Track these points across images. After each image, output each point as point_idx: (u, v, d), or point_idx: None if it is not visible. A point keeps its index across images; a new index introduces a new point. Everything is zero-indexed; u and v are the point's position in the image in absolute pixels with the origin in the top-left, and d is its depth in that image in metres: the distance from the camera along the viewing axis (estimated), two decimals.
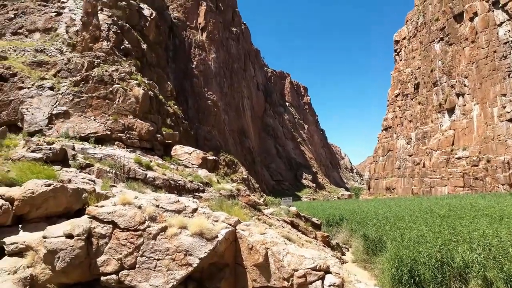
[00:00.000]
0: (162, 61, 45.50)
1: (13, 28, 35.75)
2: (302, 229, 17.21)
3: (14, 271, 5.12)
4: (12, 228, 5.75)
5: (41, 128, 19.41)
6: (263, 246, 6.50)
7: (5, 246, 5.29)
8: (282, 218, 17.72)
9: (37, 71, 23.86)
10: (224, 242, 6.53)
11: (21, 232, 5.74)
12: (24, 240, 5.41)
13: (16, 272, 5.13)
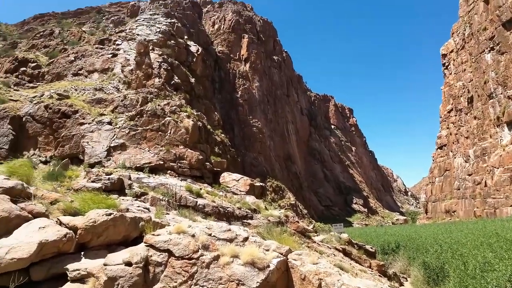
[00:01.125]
0: (209, 92, 47.48)
1: (74, 70, 39.55)
2: (355, 258, 16.34)
3: None
4: (75, 255, 6.05)
5: (100, 160, 20.80)
6: (316, 277, 6.22)
7: (68, 273, 5.55)
8: (333, 245, 17.00)
9: (96, 108, 25.94)
10: (276, 272, 6.36)
11: (83, 259, 6.02)
12: (86, 267, 5.65)
13: None
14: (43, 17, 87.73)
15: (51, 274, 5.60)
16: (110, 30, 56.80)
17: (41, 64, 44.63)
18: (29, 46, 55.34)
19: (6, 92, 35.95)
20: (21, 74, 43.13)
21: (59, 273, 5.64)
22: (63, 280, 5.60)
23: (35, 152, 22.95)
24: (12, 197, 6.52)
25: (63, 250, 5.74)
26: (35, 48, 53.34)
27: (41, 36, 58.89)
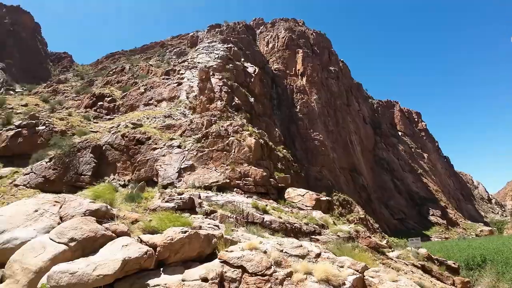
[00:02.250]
0: (268, 110, 48.10)
1: (144, 101, 42.90)
2: (436, 274, 14.94)
3: None
4: (155, 271, 6.33)
5: (172, 181, 22.00)
6: None
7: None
8: (410, 262, 15.75)
9: (166, 133, 27.71)
10: None
11: (162, 275, 6.27)
12: (165, 283, 5.87)
13: None
14: (114, 56, 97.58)
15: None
16: (174, 61, 61.04)
17: (116, 98, 49.29)
18: (104, 82, 61.62)
19: (87, 124, 40.22)
20: (99, 108, 48.00)
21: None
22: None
23: (114, 177, 25.10)
24: (98, 218, 7.10)
25: (144, 266, 6.05)
26: (109, 84, 59.21)
27: (114, 73, 65.31)
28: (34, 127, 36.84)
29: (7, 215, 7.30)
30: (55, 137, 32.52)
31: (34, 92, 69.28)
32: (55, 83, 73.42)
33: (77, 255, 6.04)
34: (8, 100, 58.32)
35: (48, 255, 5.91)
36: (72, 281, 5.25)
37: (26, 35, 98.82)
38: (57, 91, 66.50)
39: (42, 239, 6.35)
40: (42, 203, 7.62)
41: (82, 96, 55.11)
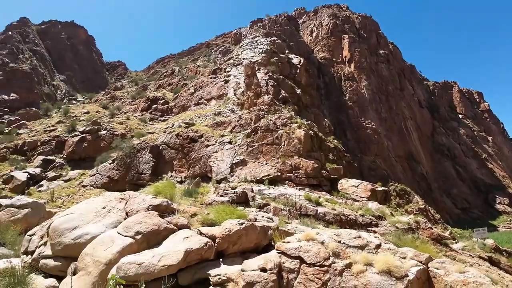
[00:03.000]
0: (316, 100, 47.23)
1: (195, 100, 44.31)
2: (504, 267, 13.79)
3: None
4: (215, 262, 6.54)
5: (225, 176, 22.56)
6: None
7: (210, 278, 6.01)
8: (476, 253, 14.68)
9: (217, 130, 28.42)
10: (415, 282, 5.69)
11: (222, 265, 6.45)
12: (226, 273, 6.03)
13: None
14: (163, 60, 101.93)
15: (195, 279, 6.15)
16: (220, 60, 62.30)
17: (168, 100, 51.55)
18: (157, 86, 64.68)
19: (144, 127, 42.57)
20: (154, 111, 50.53)
21: (202, 278, 6.15)
22: (206, 284, 6.07)
23: (172, 174, 26.36)
24: (160, 213, 7.50)
25: (205, 257, 6.27)
26: (161, 87, 62.04)
27: (165, 76, 68.29)
28: (97, 132, 39.85)
29: (78, 212, 7.97)
30: (116, 140, 34.97)
31: (94, 100, 74.89)
32: (112, 90, 78.71)
33: (142, 247, 6.42)
34: (72, 109, 63.66)
35: (116, 248, 6.35)
36: (139, 271, 5.59)
37: (82, 48, 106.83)
38: (115, 97, 71.24)
39: (110, 233, 6.84)
40: (109, 200, 8.22)
41: (138, 101, 58.45)
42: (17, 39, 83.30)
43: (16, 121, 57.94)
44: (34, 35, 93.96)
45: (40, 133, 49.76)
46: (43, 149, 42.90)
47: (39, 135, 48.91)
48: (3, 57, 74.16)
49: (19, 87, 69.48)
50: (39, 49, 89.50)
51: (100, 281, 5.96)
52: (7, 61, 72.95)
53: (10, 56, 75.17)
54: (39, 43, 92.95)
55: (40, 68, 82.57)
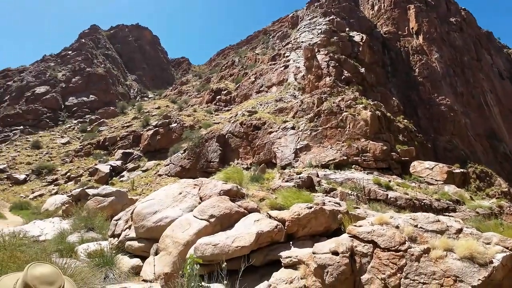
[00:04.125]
0: (382, 78, 44.64)
1: (256, 88, 44.76)
2: None
3: (290, 281, 5.78)
4: (285, 244, 6.64)
5: (290, 162, 22.62)
6: None
7: (282, 259, 6.11)
8: None
9: (279, 117, 28.49)
10: (501, 269, 5.16)
11: (292, 248, 6.53)
12: (297, 255, 6.09)
13: (292, 282, 5.77)
14: (223, 52, 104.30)
15: (267, 260, 6.31)
16: (278, 45, 61.88)
17: (231, 90, 52.86)
18: (219, 78, 66.58)
19: (210, 117, 44.32)
20: (218, 102, 52.25)
21: (273, 259, 6.30)
22: (277, 265, 6.20)
23: (238, 161, 27.22)
24: (231, 197, 7.84)
25: (275, 239, 6.40)
26: (223, 79, 63.73)
27: (226, 68, 69.93)
28: (168, 125, 42.58)
29: (157, 198, 8.66)
30: (185, 132, 37.15)
31: (163, 95, 79.79)
32: (178, 85, 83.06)
33: (216, 229, 6.78)
34: (144, 105, 68.66)
35: (193, 230, 6.79)
36: (215, 252, 5.91)
37: (149, 48, 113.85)
38: (182, 92, 75.12)
39: (187, 217, 7.33)
40: (184, 186, 8.80)
41: (203, 93, 60.93)
42: (90, 45, 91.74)
43: (96, 119, 64.42)
44: (105, 40, 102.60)
45: (119, 129, 54.71)
46: (122, 144, 47.21)
47: (118, 131, 53.81)
48: (80, 63, 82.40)
49: (96, 89, 76.90)
50: (110, 53, 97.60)
51: (180, 260, 6.41)
52: (84, 66, 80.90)
53: (86, 61, 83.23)
54: (110, 47, 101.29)
55: (113, 70, 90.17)
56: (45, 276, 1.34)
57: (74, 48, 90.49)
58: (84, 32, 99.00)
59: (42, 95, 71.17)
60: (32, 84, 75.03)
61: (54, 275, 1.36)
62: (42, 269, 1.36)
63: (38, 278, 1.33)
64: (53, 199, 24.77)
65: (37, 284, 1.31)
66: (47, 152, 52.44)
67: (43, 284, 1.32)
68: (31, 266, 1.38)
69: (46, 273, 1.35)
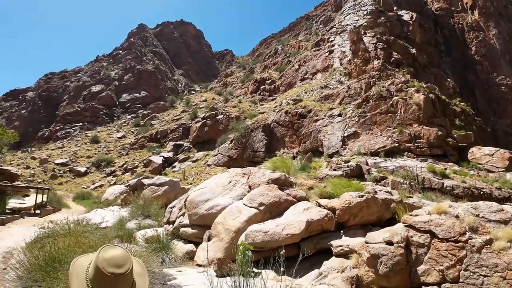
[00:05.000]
0: (435, 58, 41.70)
1: (300, 76, 44.07)
2: None
3: (341, 270, 5.69)
4: (336, 233, 6.54)
5: (337, 150, 22.10)
6: None
7: (332, 248, 6.03)
8: None
9: (325, 104, 27.86)
10: None
11: (343, 237, 6.41)
12: (348, 244, 5.97)
13: (343, 271, 5.68)
14: (266, 41, 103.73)
15: (317, 249, 6.26)
16: (321, 30, 60.16)
17: (275, 79, 52.61)
18: (262, 67, 66.46)
19: (254, 108, 44.59)
20: (262, 91, 52.32)
21: (323, 248, 6.24)
22: (328, 254, 6.13)
23: (284, 150, 27.17)
24: (279, 186, 7.86)
25: (325, 228, 6.33)
26: (267, 68, 63.51)
27: (269, 57, 69.55)
28: (215, 116, 43.60)
29: (208, 187, 8.95)
30: (232, 122, 37.81)
31: (209, 88, 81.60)
32: (223, 77, 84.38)
33: (266, 217, 6.87)
34: (192, 99, 70.78)
35: (243, 218, 6.94)
36: (265, 239, 5.99)
37: (193, 43, 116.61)
38: (226, 84, 76.26)
39: (237, 205, 7.50)
40: (233, 175, 9.00)
41: (247, 84, 61.36)
42: (139, 44, 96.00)
43: (148, 114, 67.75)
44: (152, 38, 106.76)
45: (169, 122, 57.07)
46: (172, 136, 49.29)
47: (168, 124, 56.16)
48: (130, 61, 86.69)
49: (147, 85, 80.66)
50: (158, 50, 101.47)
51: (231, 246, 6.60)
52: (134, 64, 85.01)
53: (136, 59, 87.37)
54: (157, 45, 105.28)
55: (161, 66, 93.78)
56: (115, 259, 1.39)
57: (124, 47, 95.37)
58: (132, 32, 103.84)
59: (97, 94, 76.26)
60: (88, 84, 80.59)
61: (123, 258, 1.40)
62: (113, 252, 1.41)
63: (107, 260, 1.38)
64: (112, 189, 26.61)
65: (105, 266, 1.36)
66: (105, 146, 56.34)
67: (111, 266, 1.37)
68: (103, 248, 1.44)
69: (116, 256, 1.40)
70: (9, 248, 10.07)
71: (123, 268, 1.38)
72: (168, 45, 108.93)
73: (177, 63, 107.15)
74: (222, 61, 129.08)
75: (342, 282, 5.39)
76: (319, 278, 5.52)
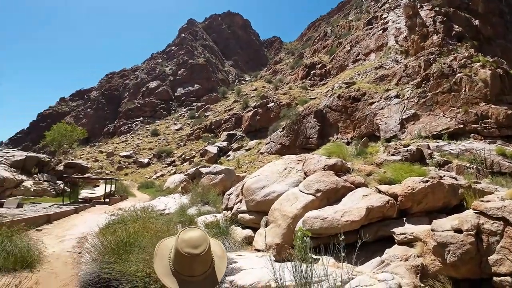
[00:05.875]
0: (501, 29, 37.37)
1: (352, 58, 42.29)
2: None
3: (405, 258, 5.45)
4: (398, 220, 6.24)
5: (395, 134, 21.01)
6: None
7: (395, 236, 5.78)
8: None
9: (381, 85, 26.50)
10: None
11: (406, 224, 6.10)
12: (412, 232, 5.69)
13: (407, 260, 5.43)
14: (314, 24, 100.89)
15: (378, 236, 6.05)
16: (373, 8, 56.88)
17: (325, 63, 51.15)
18: (312, 52, 64.88)
19: (305, 94, 43.86)
20: (313, 76, 51.23)
21: (385, 235, 6.01)
22: (389, 242, 5.89)
23: (337, 136, 26.48)
24: (335, 172, 7.70)
25: (387, 215, 6.08)
26: (317, 52, 61.89)
27: (318, 40, 67.62)
28: (266, 105, 43.74)
29: (264, 174, 9.06)
30: (283, 110, 37.69)
31: (259, 77, 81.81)
32: (272, 65, 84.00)
33: (323, 204, 6.79)
34: (242, 89, 71.62)
35: (300, 204, 6.93)
36: (323, 225, 5.93)
37: (241, 33, 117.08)
38: (276, 71, 75.86)
39: (293, 191, 7.51)
40: (288, 162, 9.00)
41: (296, 70, 60.49)
42: (189, 39, 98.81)
43: (202, 106, 70.07)
44: (202, 31, 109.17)
45: (222, 113, 58.51)
46: (226, 126, 50.52)
47: (221, 114, 57.60)
48: (182, 56, 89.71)
49: (199, 78, 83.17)
50: (208, 43, 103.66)
51: (288, 232, 6.66)
52: (187, 59, 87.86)
53: (188, 54, 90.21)
54: (207, 38, 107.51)
55: (211, 59, 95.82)
56: (192, 240, 1.47)
57: (176, 43, 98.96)
58: (183, 27, 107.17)
59: (155, 89, 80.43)
60: (145, 80, 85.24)
61: (200, 240, 1.48)
62: (192, 234, 1.50)
63: (186, 241, 1.47)
64: (173, 178, 28.11)
65: (183, 247, 1.46)
66: (164, 138, 59.57)
67: (188, 247, 1.46)
68: (183, 230, 1.55)
69: (193, 238, 1.49)
70: (83, 234, 11.15)
71: (198, 249, 1.46)
72: (217, 38, 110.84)
73: (227, 55, 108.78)
74: (271, 48, 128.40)
75: (406, 271, 5.18)
76: (381, 266, 5.36)
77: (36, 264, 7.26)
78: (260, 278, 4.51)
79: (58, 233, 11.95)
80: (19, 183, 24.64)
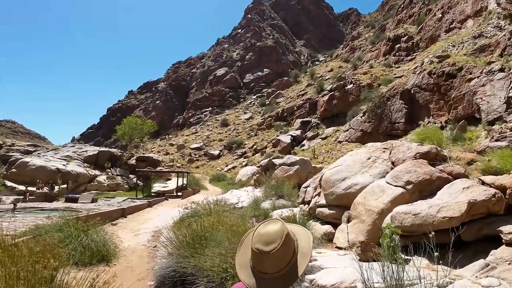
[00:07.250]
0: None
1: (445, 26, 38.71)
2: None
3: None
4: (505, 217, 5.72)
5: (500, 115, 18.86)
6: None
7: (502, 235, 5.32)
8: None
9: (481, 58, 23.95)
10: None
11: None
12: None
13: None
14: None
15: (481, 235, 5.64)
16: None
17: (412, 35, 47.72)
18: (395, 23, 60.91)
19: (389, 72, 41.54)
20: (397, 51, 48.26)
21: (490, 234, 5.58)
22: (494, 242, 5.46)
23: (429, 119, 24.69)
24: (429, 161, 7.27)
25: (493, 210, 5.62)
26: (401, 22, 57.96)
27: (403, 8, 63.12)
28: (343, 87, 42.52)
29: (345, 164, 8.96)
30: (363, 92, 36.22)
31: (335, 56, 79.51)
32: (349, 41, 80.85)
33: (414, 197, 6.51)
34: (316, 70, 70.37)
35: (387, 198, 6.74)
36: (416, 222, 5.73)
37: (312, 7, 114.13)
38: (354, 48, 72.99)
39: (379, 183, 7.32)
40: (372, 151, 8.76)
41: (378, 45, 57.54)
42: (256, 19, 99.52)
43: (273, 92, 70.67)
44: (269, 10, 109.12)
45: (294, 99, 58.46)
46: (299, 113, 50.43)
47: (294, 100, 57.58)
48: (250, 39, 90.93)
49: (268, 61, 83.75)
50: (276, 22, 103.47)
51: (374, 229, 6.52)
52: (254, 42, 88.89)
53: (255, 36, 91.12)
54: (275, 17, 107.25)
55: (281, 39, 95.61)
56: (266, 235, 1.43)
57: (242, 25, 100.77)
58: (248, 7, 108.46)
59: (222, 77, 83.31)
60: (212, 68, 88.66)
61: (275, 236, 1.43)
62: (270, 228, 1.46)
63: (259, 236, 1.45)
64: (245, 170, 29.14)
65: (255, 242, 1.44)
66: (234, 129, 61.68)
67: (259, 242, 1.42)
68: (263, 223, 1.53)
69: (269, 233, 1.44)
70: (157, 227, 12.18)
71: (269, 247, 1.40)
72: (286, 15, 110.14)
73: (298, 33, 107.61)
74: (347, 22, 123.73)
75: None
76: (485, 270, 5.02)
77: (112, 258, 7.97)
78: (343, 278, 4.58)
79: (133, 227, 13.27)
80: (92, 178, 27.74)
